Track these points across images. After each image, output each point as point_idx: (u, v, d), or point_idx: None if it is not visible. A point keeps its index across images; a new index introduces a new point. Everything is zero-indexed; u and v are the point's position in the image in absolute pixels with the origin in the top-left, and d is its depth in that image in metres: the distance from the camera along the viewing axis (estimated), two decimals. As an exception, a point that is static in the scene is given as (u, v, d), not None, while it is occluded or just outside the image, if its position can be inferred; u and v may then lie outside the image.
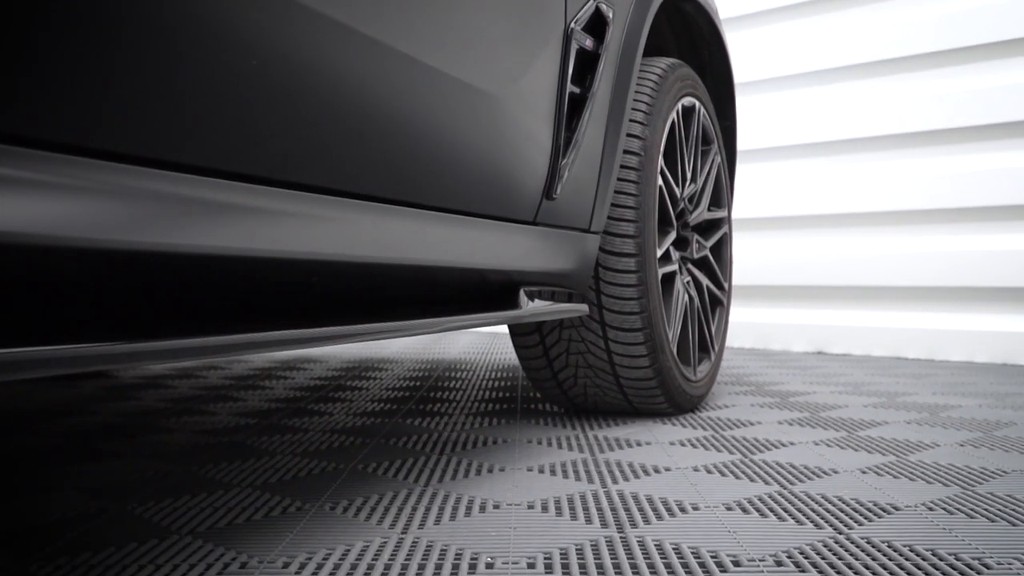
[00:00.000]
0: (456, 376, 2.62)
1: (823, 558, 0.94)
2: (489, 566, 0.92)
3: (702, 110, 2.03)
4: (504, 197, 1.31)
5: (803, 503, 1.16)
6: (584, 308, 1.61)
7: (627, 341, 1.71)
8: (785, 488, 1.25)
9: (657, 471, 1.36)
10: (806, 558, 0.94)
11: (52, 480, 1.34)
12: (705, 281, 2.06)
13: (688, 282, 1.96)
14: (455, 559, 0.94)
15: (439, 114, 1.12)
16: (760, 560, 0.93)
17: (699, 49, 2.15)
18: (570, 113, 1.45)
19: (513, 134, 1.30)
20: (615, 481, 1.29)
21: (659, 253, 1.79)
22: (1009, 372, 2.94)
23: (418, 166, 1.10)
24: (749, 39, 3.86)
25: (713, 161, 2.11)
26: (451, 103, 1.14)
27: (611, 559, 0.94)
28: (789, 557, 0.94)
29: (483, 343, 3.88)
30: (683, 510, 1.13)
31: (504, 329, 4.09)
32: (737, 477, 1.32)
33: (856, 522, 1.07)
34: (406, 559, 0.95)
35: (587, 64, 1.50)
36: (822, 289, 3.69)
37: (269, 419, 1.85)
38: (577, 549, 0.97)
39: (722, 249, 2.16)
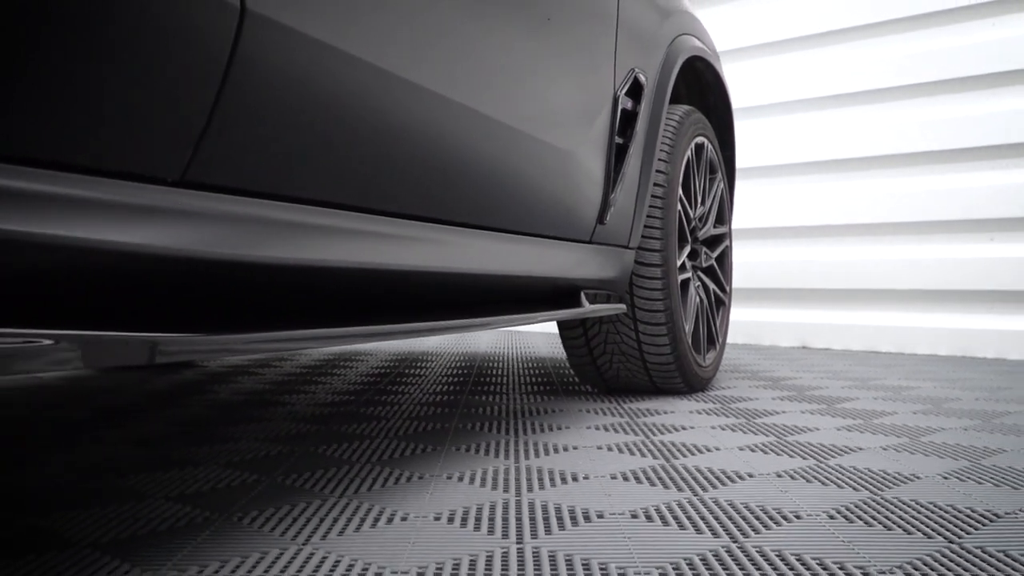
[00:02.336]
0: (495, 364, 3.07)
1: (819, 462, 1.40)
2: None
3: (709, 146, 2.49)
4: (572, 224, 1.77)
5: (796, 447, 1.62)
6: (623, 307, 2.07)
7: (654, 333, 2.16)
8: (781, 439, 1.71)
9: (684, 429, 1.81)
10: (801, 476, 1.39)
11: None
12: (711, 285, 2.52)
13: (698, 286, 2.42)
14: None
15: (534, 167, 1.57)
16: (766, 475, 1.39)
17: (705, 94, 2.62)
18: (616, 158, 1.91)
19: (580, 178, 1.76)
20: (655, 435, 1.75)
21: (678, 263, 2.25)
22: (967, 363, 3.43)
23: (517, 205, 1.55)
24: (746, 69, 4.34)
25: (717, 186, 2.57)
26: (542, 159, 1.59)
27: (667, 474, 1.39)
28: (792, 478, 1.40)
29: (504, 340, 4.33)
30: (708, 449, 1.59)
31: (522, 328, 4.55)
32: (745, 432, 1.78)
33: (831, 455, 1.53)
34: (528, 476, 1.39)
35: (628, 119, 1.95)
36: (806, 291, 4.17)
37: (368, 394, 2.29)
38: (637, 471, 1.42)
39: (724, 259, 2.62)
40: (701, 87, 2.58)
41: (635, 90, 1.97)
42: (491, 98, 1.39)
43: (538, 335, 4.74)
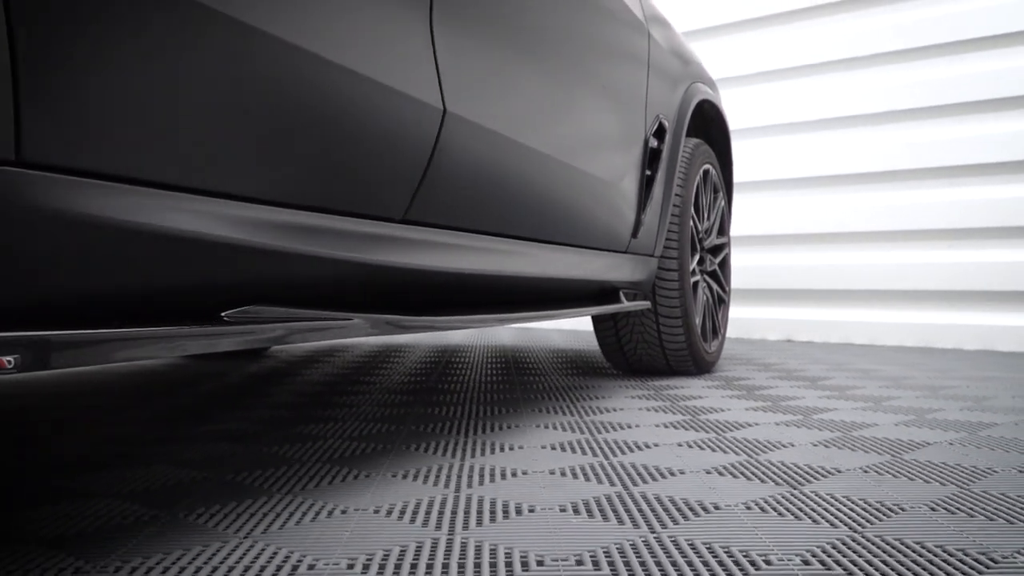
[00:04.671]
0: (527, 355, 3.58)
1: (805, 417, 1.92)
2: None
3: (713, 171, 3.02)
4: (614, 238, 2.28)
5: (789, 409, 2.15)
6: (648, 304, 2.59)
7: (671, 325, 2.68)
8: (776, 404, 2.23)
9: (699, 398, 2.33)
10: (794, 426, 1.92)
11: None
12: (715, 286, 3.05)
13: (705, 287, 2.95)
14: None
15: (591, 197, 2.09)
16: (768, 424, 1.91)
17: (708, 127, 3.14)
18: (646, 186, 2.42)
19: (619, 203, 2.27)
20: (679, 401, 2.26)
21: (691, 268, 2.77)
22: (929, 352, 3.98)
23: (574, 224, 2.06)
24: (745, 95, 4.88)
25: (719, 203, 3.09)
26: (597, 190, 2.11)
27: (697, 425, 1.91)
28: (786, 427, 1.92)
29: (522, 335, 4.85)
30: (723, 410, 2.11)
31: (535, 324, 5.06)
32: (748, 399, 2.30)
33: (815, 414, 2.06)
34: (595, 425, 1.91)
35: (655, 155, 2.47)
36: (791, 292, 4.72)
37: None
38: (674, 423, 1.94)
39: (725, 263, 3.15)
40: (705, 121, 3.10)
41: (659, 132, 2.49)
42: (567, 148, 1.90)
43: (552, 331, 5.27)
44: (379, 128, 1.25)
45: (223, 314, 1.03)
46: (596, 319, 2.82)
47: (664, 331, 2.70)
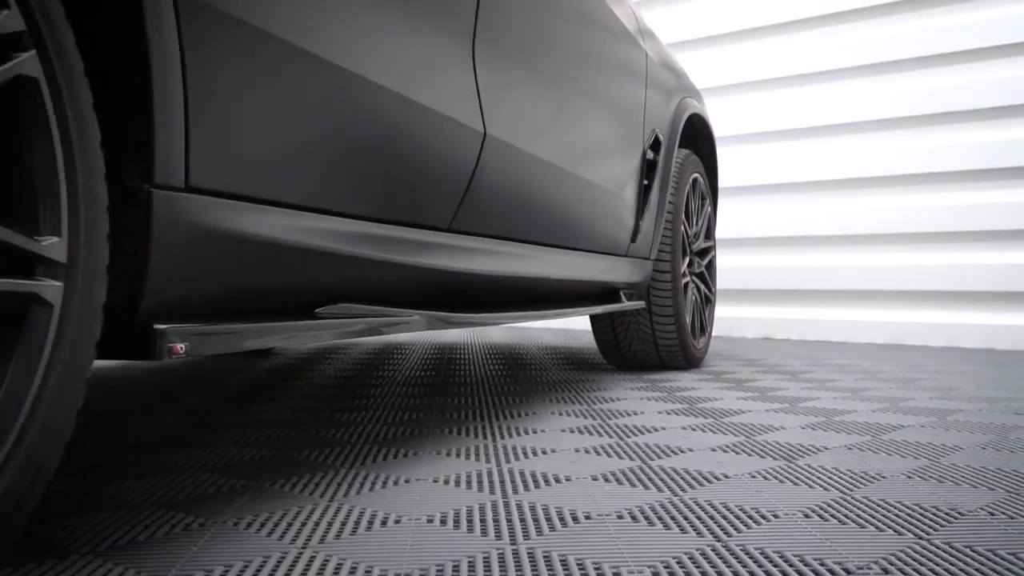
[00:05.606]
0: (523, 352, 3.78)
1: (791, 405, 2.13)
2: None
3: (700, 180, 3.23)
4: (616, 243, 2.48)
5: (775, 398, 2.36)
6: (643, 303, 2.80)
7: (664, 323, 2.89)
8: (764, 394, 2.44)
9: (692, 389, 2.54)
10: (782, 412, 2.13)
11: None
12: (702, 287, 3.26)
13: (694, 288, 3.16)
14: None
15: (595, 205, 2.29)
16: (759, 411, 2.12)
17: (696, 139, 3.36)
18: (643, 195, 2.63)
19: (620, 210, 2.47)
20: (674, 392, 2.47)
21: (682, 270, 2.98)
22: (899, 349, 4.23)
23: (584, 231, 2.26)
24: (731, 104, 5.11)
25: (705, 209, 3.31)
26: (600, 199, 2.31)
27: (696, 411, 2.11)
28: (775, 413, 2.13)
29: (515, 335, 5.05)
30: (716, 399, 2.31)
31: (528, 324, 5.26)
32: (738, 391, 2.51)
33: (800, 402, 2.27)
34: (603, 413, 2.11)
35: (651, 166, 2.68)
36: (768, 292, 4.96)
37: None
38: (675, 409, 2.14)
39: (711, 266, 3.36)
40: (694, 133, 3.32)
41: (655, 145, 2.70)
42: (582, 163, 2.10)
43: (542, 330, 5.47)
44: (436, 150, 1.44)
45: (317, 311, 1.22)
46: (594, 318, 3.02)
47: (658, 328, 2.91)
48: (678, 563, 0.97)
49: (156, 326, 0.92)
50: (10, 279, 0.71)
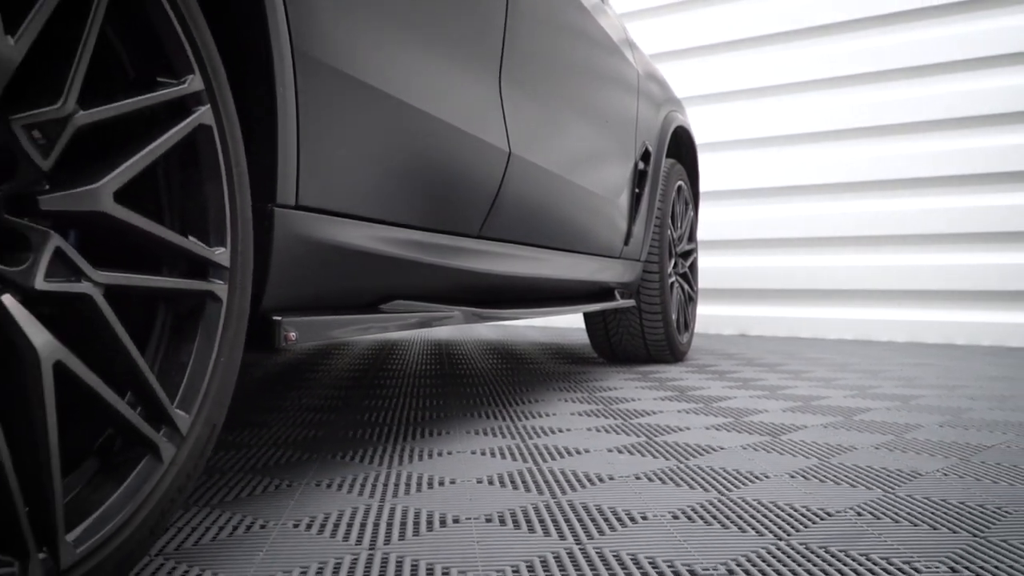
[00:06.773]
0: (517, 347, 4.00)
1: (772, 392, 2.37)
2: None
3: (684, 187, 3.48)
4: (611, 246, 2.72)
5: (756, 387, 2.60)
6: (633, 302, 3.04)
7: (652, 320, 3.13)
8: (746, 383, 2.69)
9: (681, 379, 2.78)
10: (764, 399, 2.37)
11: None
12: (686, 286, 3.51)
13: (679, 287, 3.41)
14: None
15: (595, 212, 2.52)
16: (743, 397, 2.36)
17: (680, 148, 3.61)
18: (635, 202, 2.87)
19: (615, 216, 2.71)
20: (665, 382, 2.71)
21: (668, 270, 3.23)
22: (866, 344, 4.51)
23: (586, 236, 2.49)
24: (716, 112, 5.37)
25: (688, 214, 3.56)
26: (599, 207, 2.54)
27: (685, 397, 2.35)
28: (757, 399, 2.37)
29: (504, 332, 5.27)
30: (702, 388, 2.55)
31: (516, 322, 5.48)
32: (722, 381, 2.75)
33: (778, 390, 2.52)
34: (604, 400, 2.34)
35: (641, 175, 2.92)
36: (743, 291, 5.23)
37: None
38: (666, 397, 2.37)
39: (694, 267, 3.61)
40: (678, 143, 3.57)
41: (645, 156, 2.94)
42: (586, 175, 2.33)
43: (528, 328, 5.70)
44: (472, 167, 1.66)
45: (381, 306, 1.43)
46: (587, 315, 3.25)
47: (646, 324, 3.15)
48: (682, 512, 1.20)
49: (274, 317, 1.13)
50: (194, 280, 0.92)
